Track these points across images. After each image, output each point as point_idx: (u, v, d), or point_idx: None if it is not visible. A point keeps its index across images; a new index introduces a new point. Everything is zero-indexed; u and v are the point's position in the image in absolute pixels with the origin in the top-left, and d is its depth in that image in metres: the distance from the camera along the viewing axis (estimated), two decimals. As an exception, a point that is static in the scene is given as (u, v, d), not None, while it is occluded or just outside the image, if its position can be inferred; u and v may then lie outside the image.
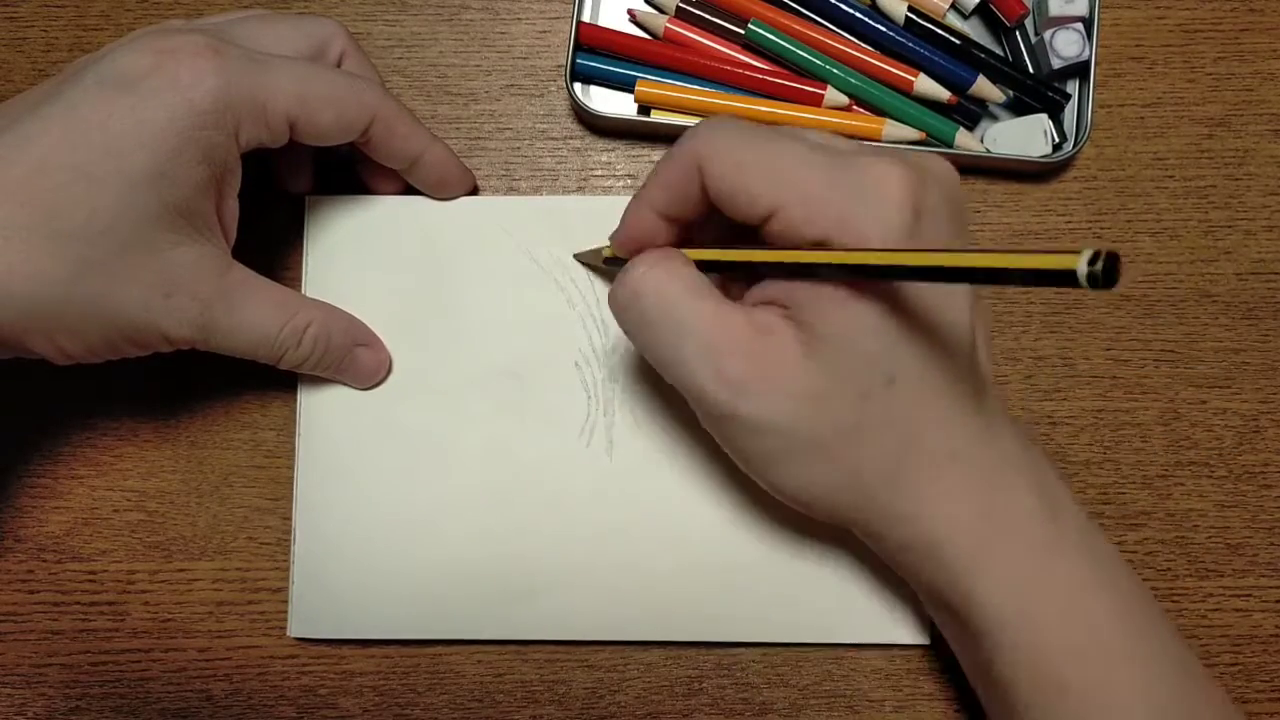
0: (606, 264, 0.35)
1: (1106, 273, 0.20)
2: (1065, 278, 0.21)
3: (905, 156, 0.28)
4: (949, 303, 0.28)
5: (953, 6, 0.39)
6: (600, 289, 0.38)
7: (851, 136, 0.38)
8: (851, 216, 0.27)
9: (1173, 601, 0.37)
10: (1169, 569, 0.37)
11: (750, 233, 0.29)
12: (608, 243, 0.33)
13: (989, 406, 0.30)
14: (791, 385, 0.28)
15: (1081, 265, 0.20)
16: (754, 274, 0.30)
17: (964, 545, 0.29)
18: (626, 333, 0.31)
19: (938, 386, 0.29)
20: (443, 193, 0.38)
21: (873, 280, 0.27)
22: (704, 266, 0.30)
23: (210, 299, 0.32)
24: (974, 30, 0.40)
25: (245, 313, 0.33)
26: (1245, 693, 0.37)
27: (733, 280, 0.32)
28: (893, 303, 0.27)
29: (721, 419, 0.29)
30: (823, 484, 0.30)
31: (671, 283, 0.29)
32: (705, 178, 0.28)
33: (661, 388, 0.37)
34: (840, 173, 0.27)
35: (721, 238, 0.31)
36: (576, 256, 0.38)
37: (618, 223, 0.32)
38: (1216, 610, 0.37)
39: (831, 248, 0.27)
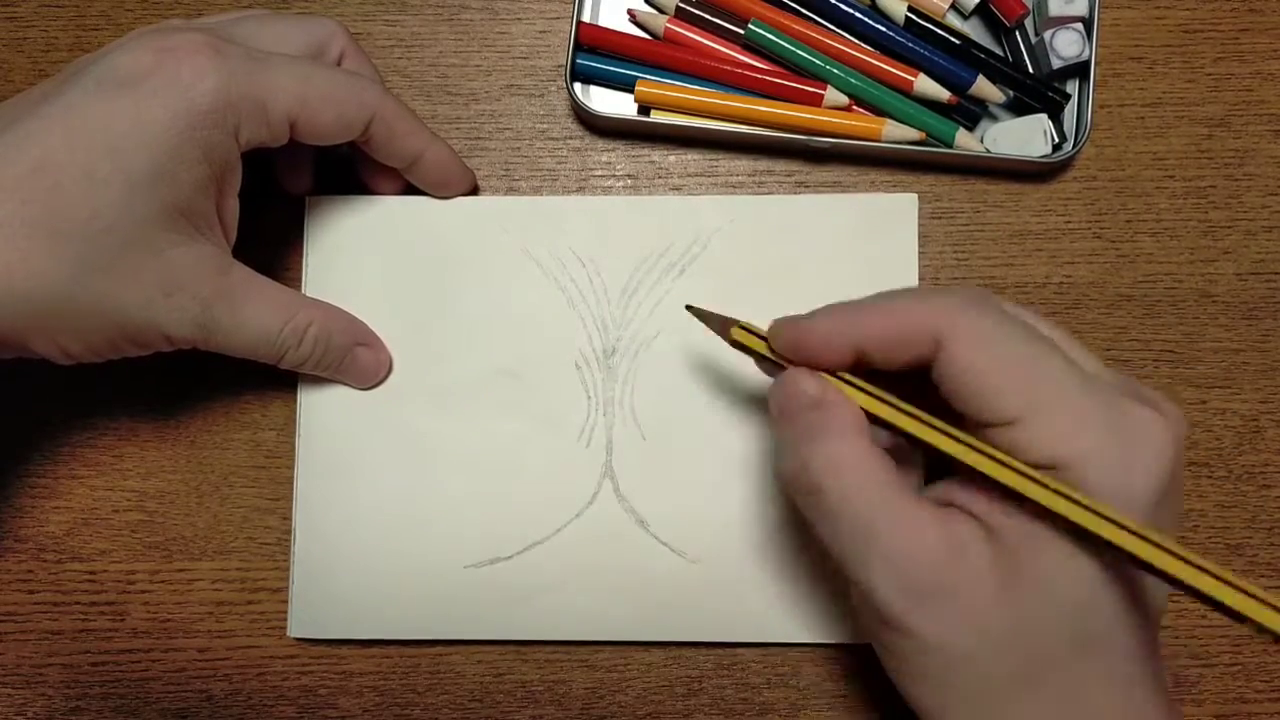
0: (734, 346, 0.31)
1: None
2: None
3: (1158, 405, 0.26)
4: (1158, 582, 0.25)
5: (952, 6, 0.39)
6: (600, 289, 0.38)
7: (851, 136, 0.38)
8: (1106, 465, 0.24)
9: (1172, 601, 0.37)
10: (1169, 569, 0.37)
11: (937, 399, 0.26)
12: (737, 321, 0.30)
13: (1161, 682, 0.27)
14: (978, 619, 0.25)
15: None
16: (946, 461, 0.26)
17: None
18: (791, 496, 0.28)
19: (1128, 666, 0.26)
20: (443, 192, 0.38)
21: (1103, 551, 0.24)
22: (881, 423, 0.27)
23: (211, 298, 0.32)
24: (974, 30, 0.40)
25: (246, 312, 0.33)
26: (1245, 693, 0.37)
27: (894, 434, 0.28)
28: (1106, 562, 0.25)
29: (888, 622, 0.26)
30: (961, 714, 0.27)
31: (859, 481, 0.26)
32: (942, 356, 0.26)
33: (662, 389, 0.37)
34: (1105, 411, 0.25)
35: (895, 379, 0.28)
36: (693, 310, 0.33)
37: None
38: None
39: (1065, 480, 0.24)
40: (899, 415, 0.27)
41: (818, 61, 0.38)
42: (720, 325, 0.31)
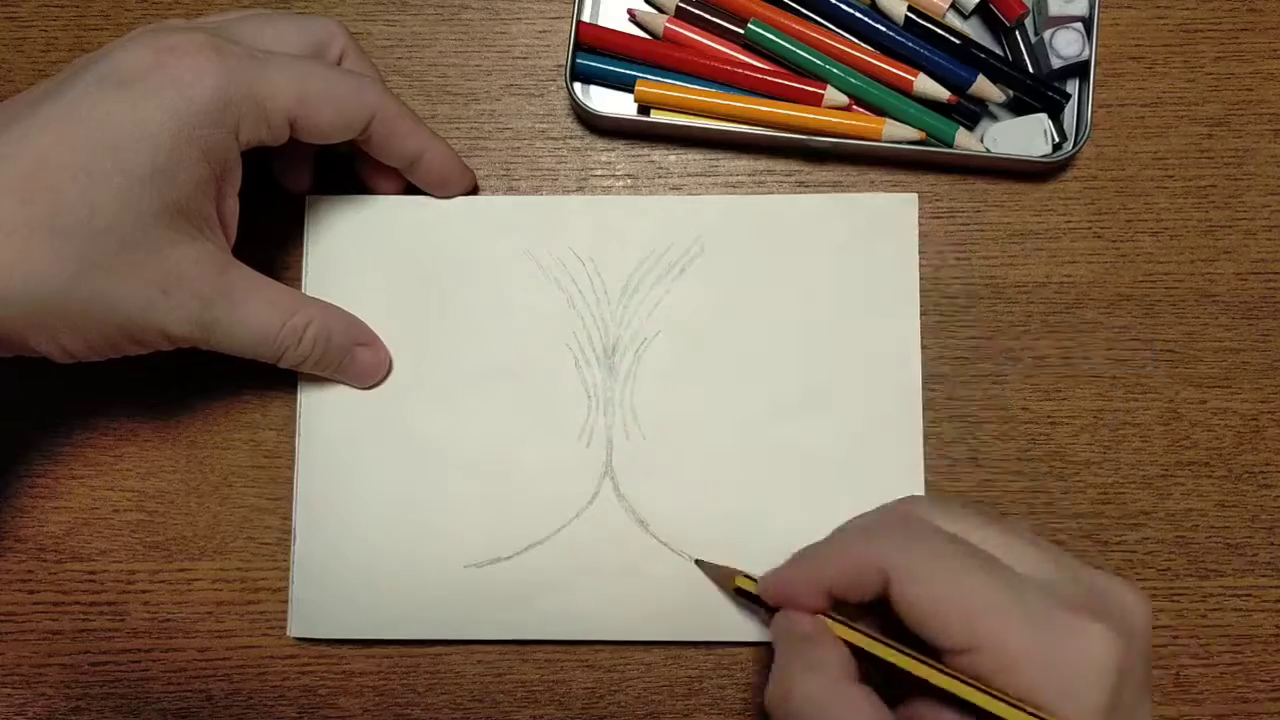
0: (738, 593, 0.34)
1: None
2: None
3: (1107, 604, 0.27)
4: None
5: (952, 6, 0.39)
6: (600, 288, 0.38)
7: (851, 136, 0.38)
8: (1051, 684, 0.26)
9: (1172, 601, 0.37)
10: (1169, 569, 0.37)
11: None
12: (739, 571, 0.33)
13: None
14: None
15: None
16: (923, 690, 0.28)
17: None
18: None
19: None
20: (443, 191, 0.38)
21: None
22: (865, 657, 0.29)
23: (211, 297, 0.32)
24: (973, 30, 0.40)
25: (245, 310, 0.33)
26: (1245, 692, 0.37)
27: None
28: None
29: None
30: None
31: (833, 711, 0.28)
32: (891, 591, 0.28)
33: (662, 388, 0.37)
34: (1047, 632, 0.26)
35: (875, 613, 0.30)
36: (700, 564, 0.36)
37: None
38: (1216, 610, 0.37)
39: (1020, 704, 0.26)
40: (875, 645, 0.29)
41: (817, 61, 0.38)
42: (722, 577, 0.35)
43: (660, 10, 0.40)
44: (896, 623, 0.28)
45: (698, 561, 0.36)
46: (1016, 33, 0.39)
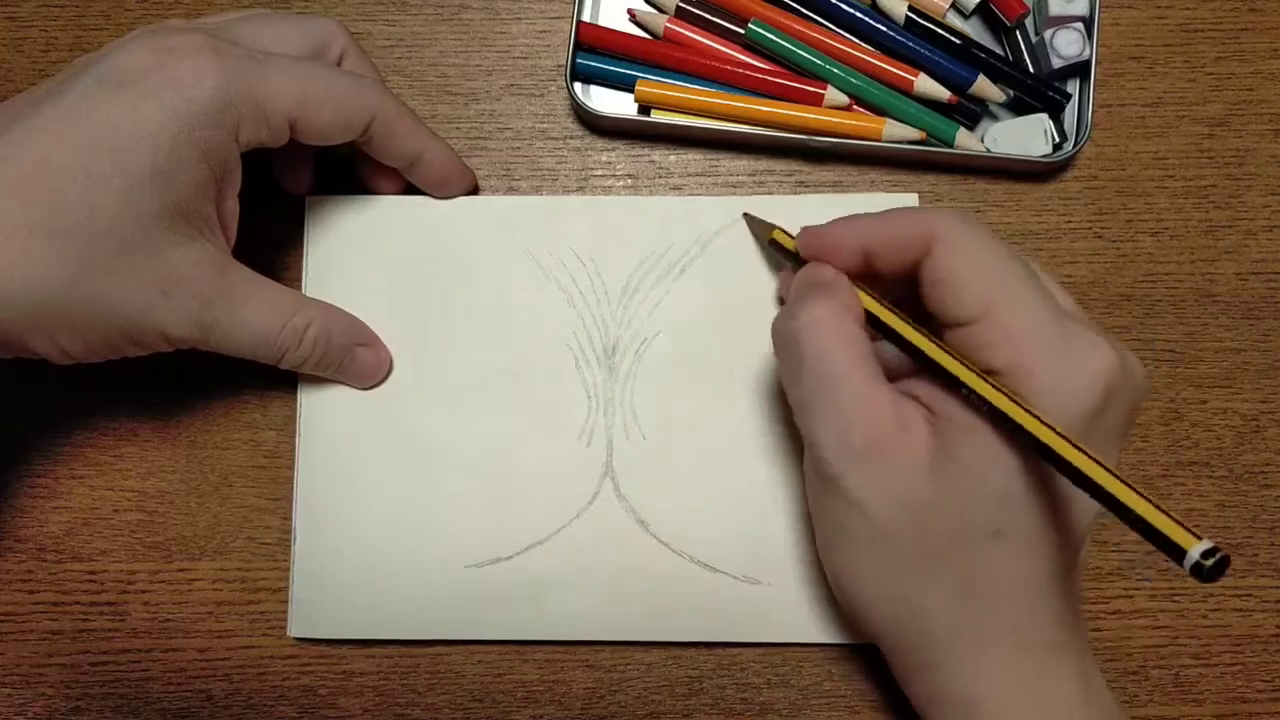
0: (771, 244, 0.35)
1: (1212, 570, 0.22)
2: (1175, 554, 0.22)
3: (1117, 346, 0.28)
4: (1085, 506, 0.28)
5: (953, 6, 0.39)
6: (601, 288, 0.38)
7: (852, 136, 0.38)
8: (1044, 372, 0.27)
9: (1173, 601, 0.37)
10: (1169, 568, 0.37)
11: (924, 315, 0.30)
12: (778, 226, 0.35)
13: (1069, 589, 0.30)
14: (905, 488, 0.28)
15: (1193, 552, 0.22)
16: (914, 357, 0.29)
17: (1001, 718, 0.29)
18: (776, 355, 0.31)
19: (1036, 563, 0.28)
20: (443, 192, 0.38)
21: (1029, 450, 0.27)
22: (873, 322, 0.30)
23: (211, 298, 0.32)
24: (974, 30, 0.40)
25: (246, 312, 0.33)
26: (1245, 693, 0.37)
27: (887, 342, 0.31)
28: (1035, 463, 0.27)
29: (826, 478, 0.29)
30: (880, 588, 0.30)
31: (837, 340, 0.29)
32: (929, 259, 0.29)
33: (662, 388, 0.37)
34: (1054, 326, 0.27)
35: (894, 298, 0.31)
36: (747, 216, 0.37)
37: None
38: (1217, 610, 0.37)
39: (1006, 386, 0.27)
40: (885, 312, 0.30)
41: (818, 61, 0.38)
42: (762, 229, 0.36)
43: (660, 10, 0.40)
44: (911, 305, 0.30)
45: (745, 215, 0.37)
46: (1017, 32, 0.39)
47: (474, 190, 0.39)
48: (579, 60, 0.39)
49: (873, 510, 0.28)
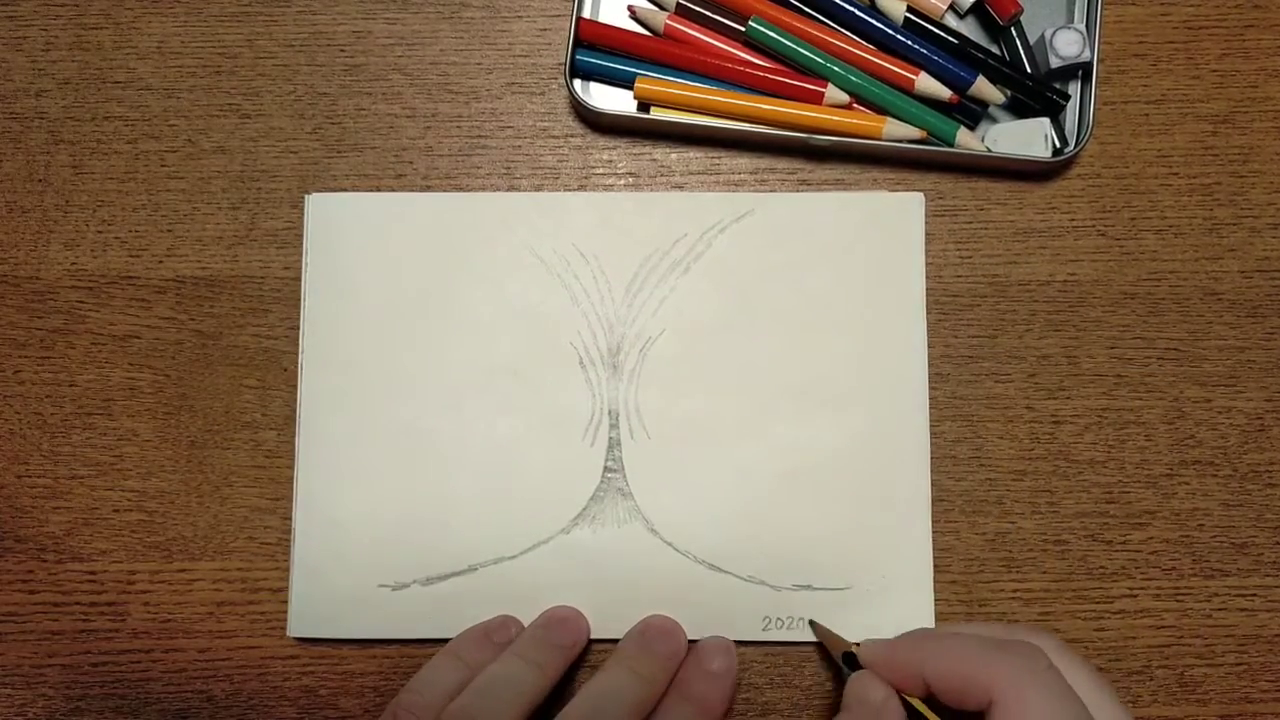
0: (844, 658, 0.34)
1: None
2: None
3: (1070, 660, 0.29)
4: None
5: (950, 7, 0.39)
6: (605, 286, 0.38)
7: (852, 135, 0.38)
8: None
9: (1177, 601, 0.37)
10: (1174, 568, 0.37)
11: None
12: (849, 643, 0.34)
13: None
14: None
15: None
16: None
17: None
18: None
19: None
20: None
21: None
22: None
23: None
24: (971, 30, 0.40)
25: None
26: (1250, 692, 0.37)
27: None
28: None
29: None
30: None
31: None
32: (992, 716, 0.28)
33: (666, 387, 0.37)
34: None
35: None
36: (813, 625, 0.36)
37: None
38: (1221, 610, 0.37)
39: None
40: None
41: (818, 59, 0.38)
42: (835, 643, 0.35)
43: (661, 7, 0.40)
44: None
45: (811, 623, 0.36)
46: (1011, 30, 0.39)
47: None
48: (579, 57, 0.39)
49: None
